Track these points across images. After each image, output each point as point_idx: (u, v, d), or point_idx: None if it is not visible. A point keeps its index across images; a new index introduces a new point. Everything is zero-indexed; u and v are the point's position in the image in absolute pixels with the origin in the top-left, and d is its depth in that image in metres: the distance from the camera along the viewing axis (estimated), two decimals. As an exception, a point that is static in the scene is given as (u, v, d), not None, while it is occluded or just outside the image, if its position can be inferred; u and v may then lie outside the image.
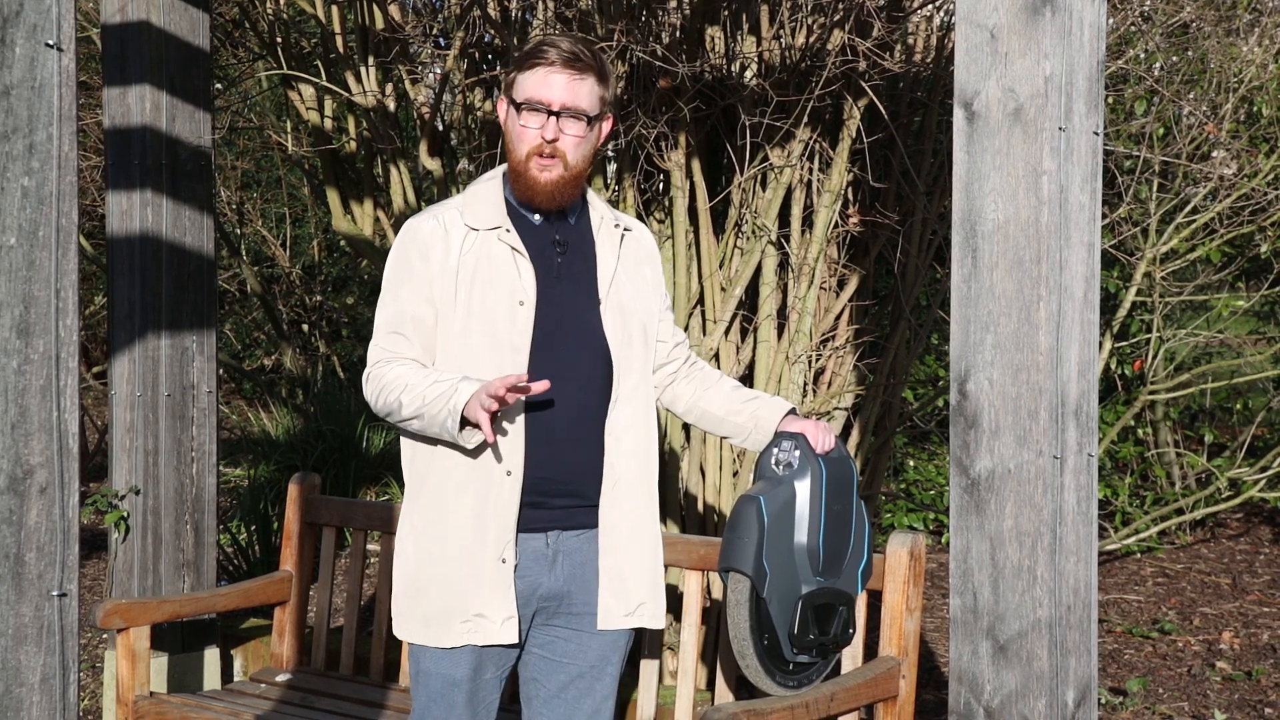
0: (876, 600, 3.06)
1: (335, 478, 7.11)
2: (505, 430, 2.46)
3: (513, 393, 2.35)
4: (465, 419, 2.38)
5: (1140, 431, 7.41)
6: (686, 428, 4.05)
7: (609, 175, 4.32)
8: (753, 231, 4.01)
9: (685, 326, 4.03)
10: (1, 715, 1.81)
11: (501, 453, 2.46)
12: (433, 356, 2.53)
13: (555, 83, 2.48)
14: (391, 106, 4.82)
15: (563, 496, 2.52)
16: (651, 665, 3.40)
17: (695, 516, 4.07)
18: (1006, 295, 2.37)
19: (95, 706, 4.67)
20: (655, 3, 3.93)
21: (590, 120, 2.51)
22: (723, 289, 4.04)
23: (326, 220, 9.86)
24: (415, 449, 2.55)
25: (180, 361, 4.17)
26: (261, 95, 9.24)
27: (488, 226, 2.53)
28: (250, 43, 6.85)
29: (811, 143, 3.98)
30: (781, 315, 4.06)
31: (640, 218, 4.03)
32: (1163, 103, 5.47)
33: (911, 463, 7.83)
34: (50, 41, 1.83)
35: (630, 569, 2.57)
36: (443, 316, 2.51)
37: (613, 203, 4.07)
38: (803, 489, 2.60)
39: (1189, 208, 5.66)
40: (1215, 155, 5.68)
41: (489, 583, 2.47)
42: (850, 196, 4.11)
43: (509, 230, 2.53)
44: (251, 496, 5.82)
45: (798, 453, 2.61)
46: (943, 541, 6.84)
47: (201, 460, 4.23)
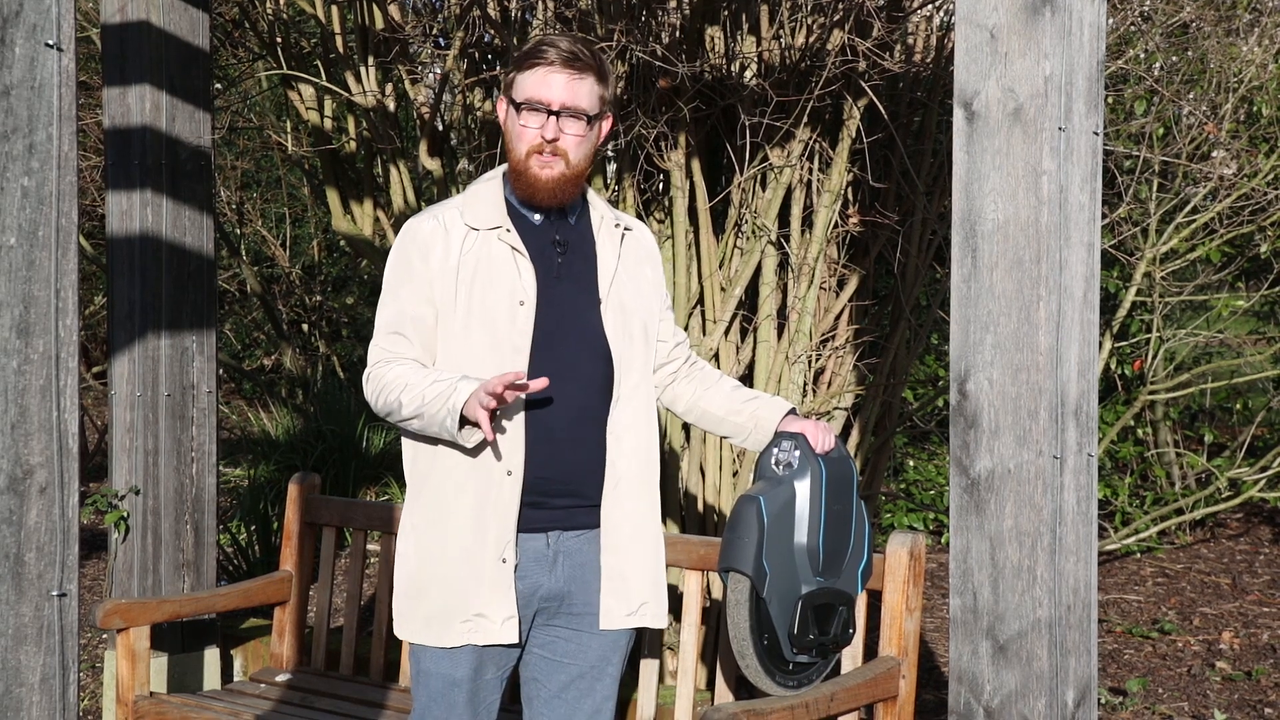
0: (876, 600, 3.06)
1: (335, 478, 7.11)
2: (506, 430, 2.46)
3: (511, 390, 2.35)
4: (465, 418, 2.39)
5: (1140, 431, 7.41)
6: (686, 427, 4.05)
7: (609, 175, 4.32)
8: (753, 231, 4.01)
9: (685, 326, 4.03)
10: (1, 715, 1.81)
11: (502, 452, 2.46)
12: (433, 356, 2.53)
13: (555, 82, 2.48)
14: (391, 106, 4.82)
15: (563, 496, 2.52)
16: (651, 665, 3.40)
17: (695, 516, 4.07)
18: (1006, 295, 2.37)
19: (95, 706, 4.67)
20: (655, 3, 3.93)
21: (590, 119, 2.51)
22: (722, 289, 4.04)
23: (326, 220, 9.85)
24: (417, 449, 2.55)
25: (180, 361, 4.17)
26: (261, 95, 9.24)
27: (488, 226, 2.53)
28: (250, 43, 6.85)
29: (811, 143, 3.98)
30: (781, 315, 4.06)
31: (640, 218, 4.03)
32: (1162, 103, 5.47)
33: (911, 463, 7.83)
34: (50, 41, 1.83)
35: (632, 569, 2.57)
36: (443, 316, 2.51)
37: (613, 202, 4.07)
38: (803, 489, 2.60)
39: (1189, 208, 5.66)
40: (1215, 155, 5.68)
41: (489, 583, 2.47)
42: (850, 196, 4.11)
43: (509, 230, 2.53)
44: (251, 496, 5.82)
45: (798, 453, 2.61)
46: (943, 541, 6.84)
47: (201, 460, 4.23)
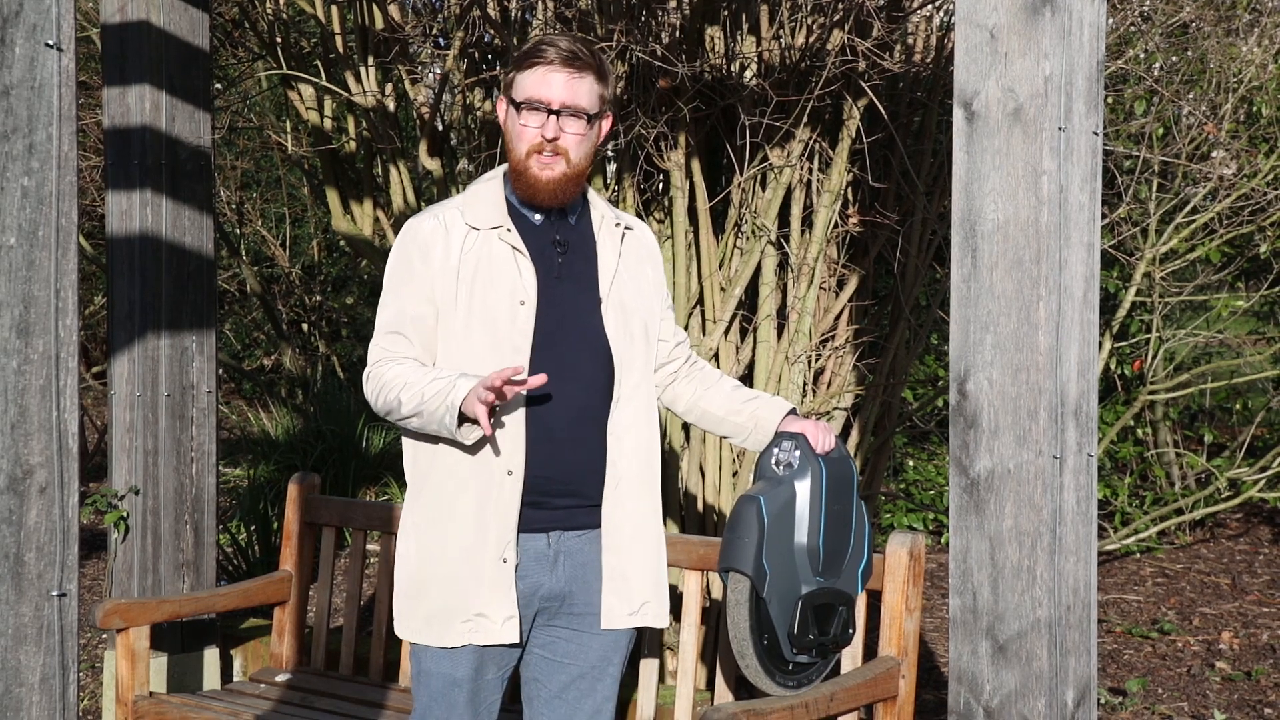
0: (876, 600, 3.06)
1: (335, 478, 7.11)
2: (506, 430, 2.46)
3: (510, 386, 2.35)
4: (464, 415, 2.38)
5: (1140, 431, 7.41)
6: (686, 427, 4.06)
7: (609, 175, 4.32)
8: (752, 231, 4.01)
9: (685, 326, 4.03)
10: (1, 715, 1.81)
11: (503, 452, 2.46)
12: (433, 356, 2.53)
13: (554, 81, 2.48)
14: (391, 106, 4.82)
15: (564, 496, 2.52)
16: (651, 665, 3.40)
17: (695, 516, 4.07)
18: (1006, 295, 2.37)
19: (95, 706, 4.67)
20: (655, 3, 3.93)
21: (590, 118, 2.51)
22: (722, 289, 4.04)
23: (326, 220, 9.85)
24: (417, 449, 2.55)
25: (180, 361, 4.17)
26: (261, 95, 9.24)
27: (489, 226, 2.53)
28: (250, 43, 6.85)
29: (811, 143, 3.98)
30: (781, 315, 4.06)
31: (640, 217, 4.02)
32: (1162, 103, 5.47)
33: (911, 463, 7.83)
34: (50, 41, 1.83)
35: (633, 568, 2.57)
36: (443, 316, 2.51)
37: (612, 202, 4.07)
38: (803, 489, 2.60)
39: (1189, 208, 5.66)
40: (1215, 155, 5.68)
41: (489, 582, 2.47)
42: (850, 196, 4.11)
43: (510, 230, 2.53)
44: (251, 496, 5.82)
45: (798, 453, 2.61)
46: (942, 541, 6.84)
47: (201, 460, 4.23)
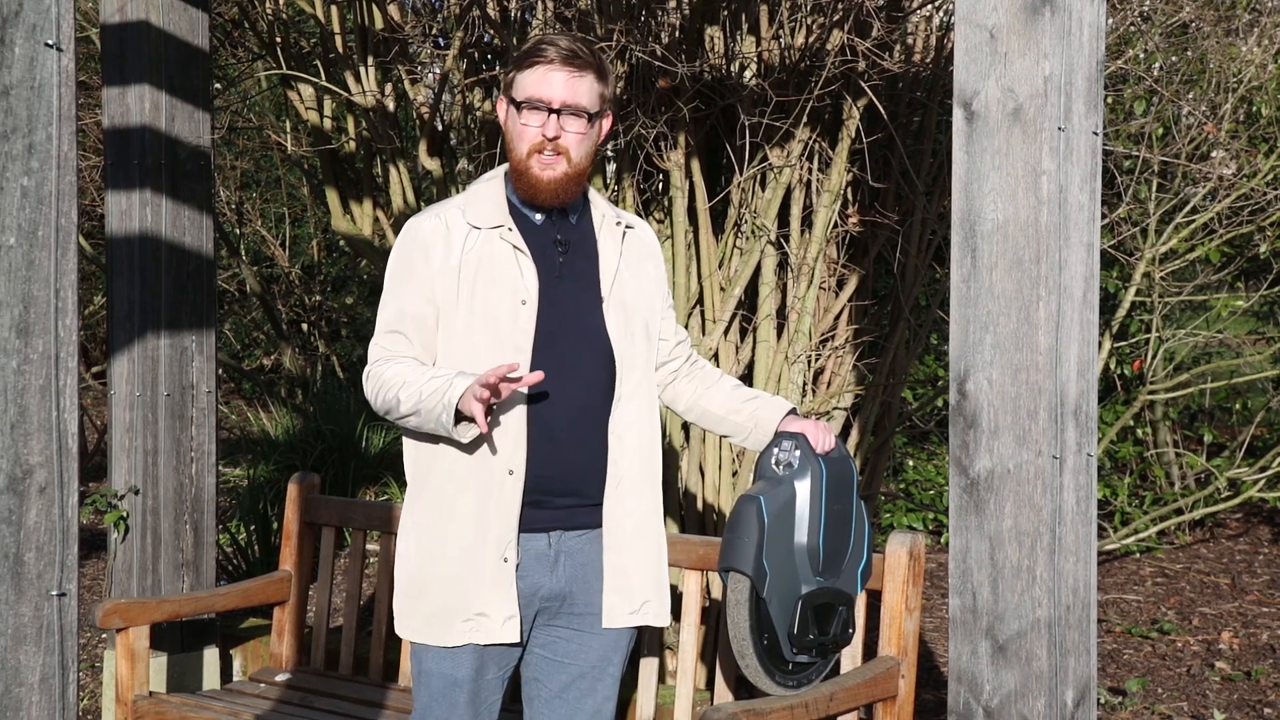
0: (876, 600, 3.06)
1: (334, 477, 7.11)
2: (508, 429, 2.46)
3: (506, 384, 2.35)
4: (460, 414, 2.38)
5: (1139, 431, 7.41)
6: (686, 427, 4.06)
7: (608, 175, 4.32)
8: (752, 231, 4.01)
9: (685, 326, 4.03)
10: (1, 715, 1.81)
11: (504, 452, 2.46)
12: (433, 356, 2.53)
13: (555, 80, 2.48)
14: (391, 106, 4.81)
15: (565, 496, 2.52)
16: (651, 665, 3.40)
17: (695, 516, 4.07)
18: (1006, 295, 2.37)
19: (94, 706, 4.67)
20: (655, 3, 3.93)
21: (591, 117, 2.51)
22: (722, 289, 4.04)
23: (326, 220, 9.86)
24: (418, 448, 2.55)
25: (179, 361, 4.16)
26: (261, 95, 9.24)
27: (490, 225, 2.53)
28: (249, 42, 6.84)
29: (811, 143, 3.98)
30: (781, 315, 4.06)
31: (639, 217, 4.02)
32: (1162, 103, 5.47)
33: (911, 462, 7.83)
34: (49, 41, 1.83)
35: (635, 567, 2.57)
36: (445, 315, 2.51)
37: (612, 202, 4.06)
38: (803, 489, 2.60)
39: (1188, 208, 5.66)
40: (1214, 155, 5.68)
41: (490, 582, 2.47)
42: (850, 196, 4.11)
43: (511, 229, 2.53)
44: (251, 496, 5.82)
45: (798, 453, 2.61)
46: (942, 541, 6.84)
47: (201, 460, 4.23)
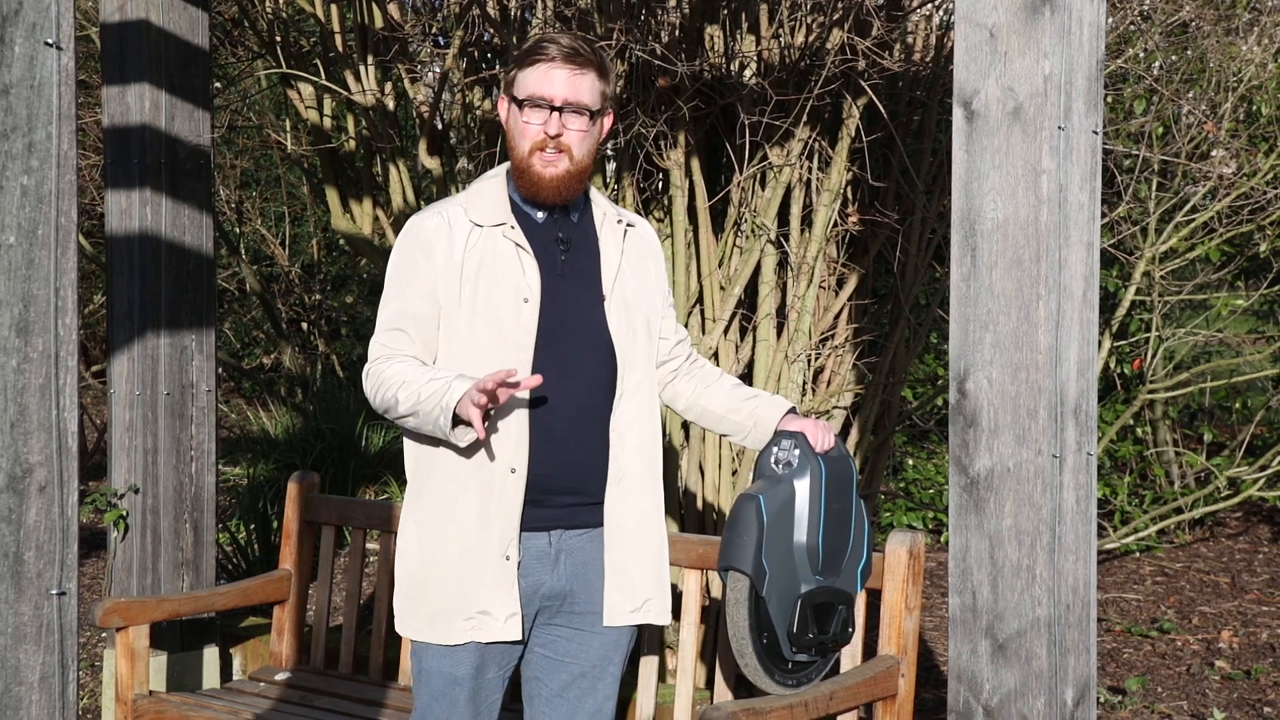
0: (876, 599, 3.06)
1: (334, 476, 7.11)
2: (509, 428, 2.46)
3: (504, 389, 2.35)
4: (458, 417, 2.38)
5: (1139, 430, 7.41)
6: (686, 426, 4.06)
7: (608, 174, 4.32)
8: (752, 230, 4.01)
9: (685, 325, 4.03)
10: (1, 714, 1.81)
11: (506, 450, 2.46)
12: (434, 354, 2.53)
13: (557, 78, 2.48)
14: (391, 105, 4.81)
15: (566, 494, 2.52)
16: (651, 664, 3.40)
17: (694, 515, 4.07)
18: (1005, 294, 2.37)
19: (94, 705, 4.67)
20: (654, 1, 3.93)
21: (592, 115, 2.52)
22: (722, 288, 4.04)
23: (325, 219, 9.85)
24: (419, 447, 2.55)
25: (179, 360, 4.16)
26: (261, 94, 9.23)
27: (492, 223, 2.53)
28: (249, 41, 6.85)
29: (811, 142, 3.98)
30: (781, 314, 4.06)
31: (639, 216, 4.03)
32: (1162, 102, 5.47)
33: (911, 461, 7.83)
34: (49, 40, 1.83)
35: (636, 565, 2.57)
36: (447, 313, 2.51)
37: (612, 201, 4.06)
38: (802, 488, 2.60)
39: (1188, 207, 5.66)
40: (1214, 154, 5.68)
41: (492, 580, 2.47)
42: (849, 195, 4.11)
43: (514, 227, 2.53)
44: (251, 495, 5.82)
45: (797, 451, 2.61)
46: (942, 540, 6.84)
47: (200, 459, 4.23)
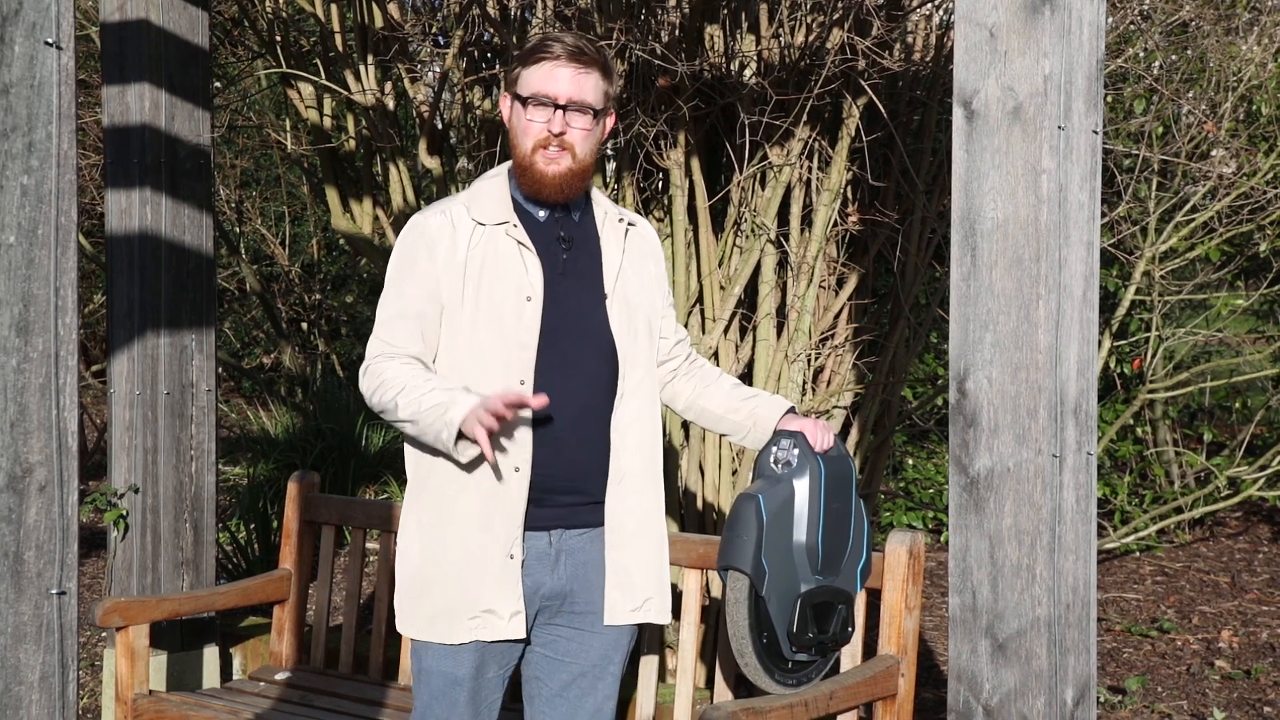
0: (875, 599, 3.06)
1: (334, 476, 7.11)
2: (511, 427, 2.46)
3: (511, 408, 2.36)
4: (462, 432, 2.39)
5: (1139, 430, 7.41)
6: (686, 426, 4.06)
7: (608, 174, 4.32)
8: (752, 230, 4.01)
9: (684, 325, 4.03)
10: (1, 713, 1.81)
11: (508, 449, 2.46)
12: (434, 352, 2.53)
13: (561, 76, 2.48)
14: (391, 105, 4.81)
15: (568, 494, 2.52)
16: (651, 663, 3.40)
17: (694, 514, 4.07)
18: (1005, 294, 2.37)
19: (94, 705, 4.67)
20: (654, 1, 3.93)
21: (596, 114, 2.52)
22: (722, 287, 4.04)
23: (326, 219, 9.85)
24: (420, 446, 2.55)
25: (179, 360, 4.16)
26: (260, 94, 9.23)
27: (494, 222, 2.53)
28: (249, 41, 6.84)
29: (811, 141, 3.98)
30: (781, 314, 4.06)
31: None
32: (1162, 101, 5.47)
33: (910, 461, 7.83)
34: (49, 40, 1.83)
35: (636, 564, 2.57)
36: (449, 312, 2.51)
37: (612, 200, 4.06)
38: (801, 487, 2.60)
39: (1188, 206, 5.66)
40: (1214, 154, 5.68)
41: (497, 579, 2.47)
42: (849, 195, 4.11)
43: (516, 225, 2.53)
44: (251, 495, 5.82)
45: (796, 451, 2.61)
46: (942, 540, 6.84)
47: (200, 458, 4.23)
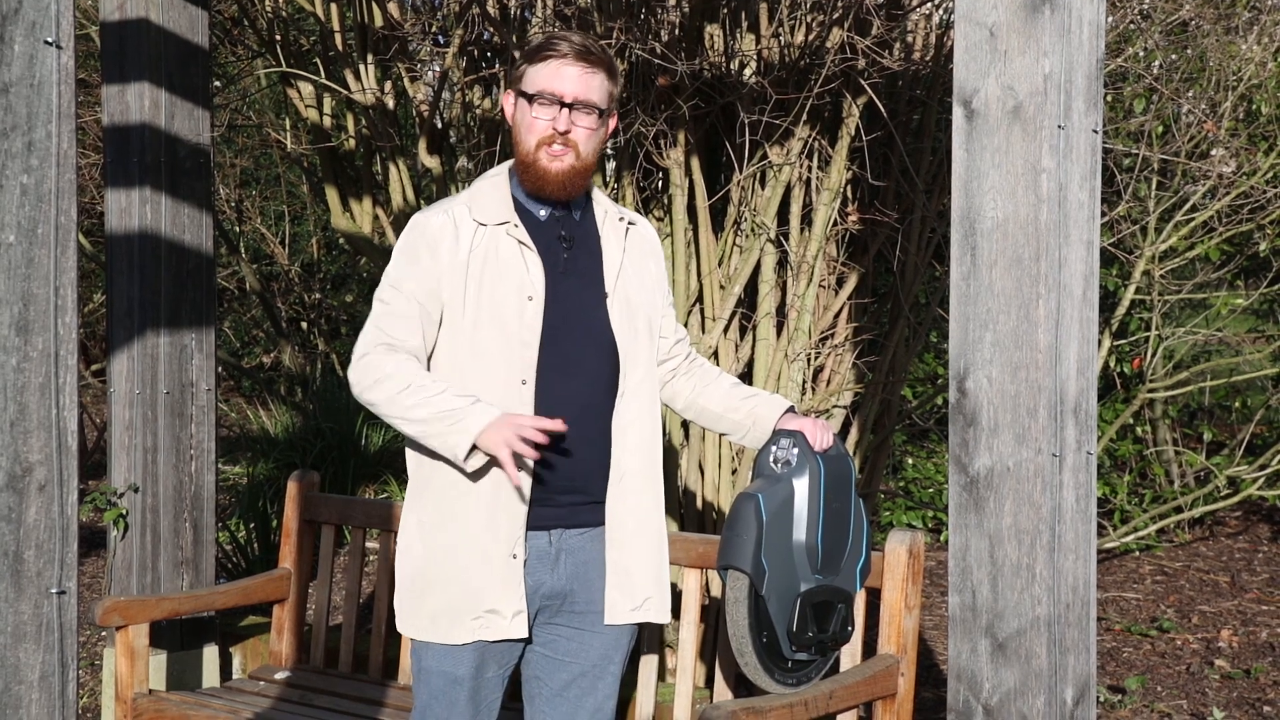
0: (875, 598, 3.06)
1: (334, 475, 7.11)
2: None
3: (538, 433, 2.38)
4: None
5: (1139, 429, 7.41)
6: (686, 425, 4.06)
7: (608, 173, 4.32)
8: (752, 229, 4.01)
9: (684, 324, 4.03)
10: (1, 712, 1.81)
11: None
12: (428, 351, 2.52)
13: (568, 75, 2.49)
14: (390, 104, 4.81)
15: (568, 493, 2.52)
16: (650, 663, 3.40)
17: (694, 514, 4.07)
18: (1005, 293, 2.37)
19: (94, 704, 4.67)
20: (654, 0, 3.93)
21: (600, 114, 2.53)
22: (722, 287, 4.04)
23: (325, 218, 9.86)
24: (420, 446, 2.55)
25: (179, 359, 4.16)
26: (260, 93, 9.23)
27: (495, 221, 2.53)
28: (249, 40, 6.84)
29: (811, 140, 3.98)
30: (781, 313, 4.06)
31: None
32: (1162, 101, 5.47)
33: (910, 460, 7.83)
34: (49, 39, 1.83)
35: (636, 564, 2.57)
36: (451, 311, 2.50)
37: (612, 200, 4.07)
38: (801, 487, 2.60)
39: (1188, 206, 5.66)
40: (1214, 153, 5.68)
41: (500, 578, 2.48)
42: (849, 194, 4.11)
43: (517, 225, 2.53)
44: (250, 494, 5.82)
45: (796, 450, 2.61)
46: (941, 539, 6.84)
47: (200, 458, 4.23)
